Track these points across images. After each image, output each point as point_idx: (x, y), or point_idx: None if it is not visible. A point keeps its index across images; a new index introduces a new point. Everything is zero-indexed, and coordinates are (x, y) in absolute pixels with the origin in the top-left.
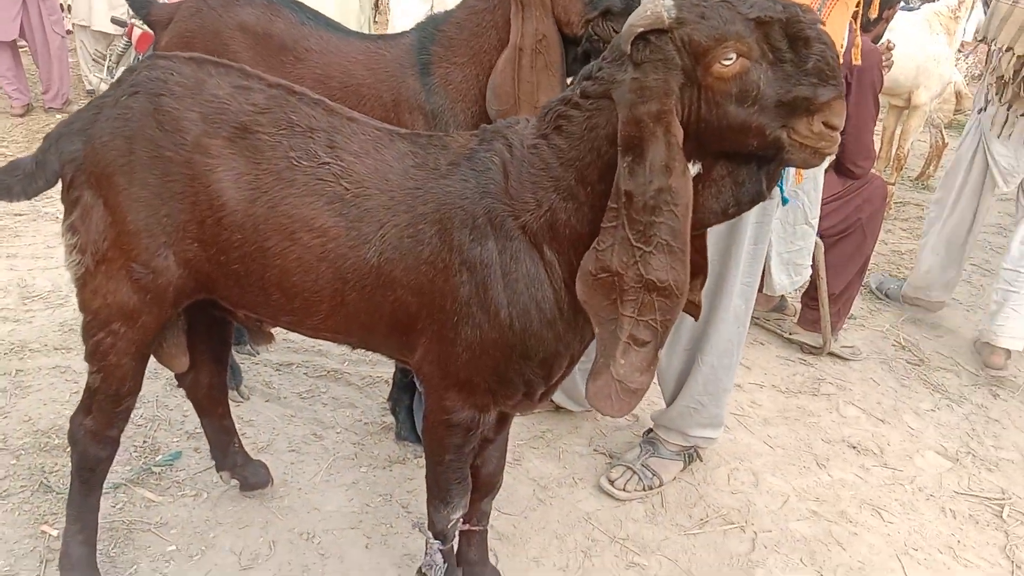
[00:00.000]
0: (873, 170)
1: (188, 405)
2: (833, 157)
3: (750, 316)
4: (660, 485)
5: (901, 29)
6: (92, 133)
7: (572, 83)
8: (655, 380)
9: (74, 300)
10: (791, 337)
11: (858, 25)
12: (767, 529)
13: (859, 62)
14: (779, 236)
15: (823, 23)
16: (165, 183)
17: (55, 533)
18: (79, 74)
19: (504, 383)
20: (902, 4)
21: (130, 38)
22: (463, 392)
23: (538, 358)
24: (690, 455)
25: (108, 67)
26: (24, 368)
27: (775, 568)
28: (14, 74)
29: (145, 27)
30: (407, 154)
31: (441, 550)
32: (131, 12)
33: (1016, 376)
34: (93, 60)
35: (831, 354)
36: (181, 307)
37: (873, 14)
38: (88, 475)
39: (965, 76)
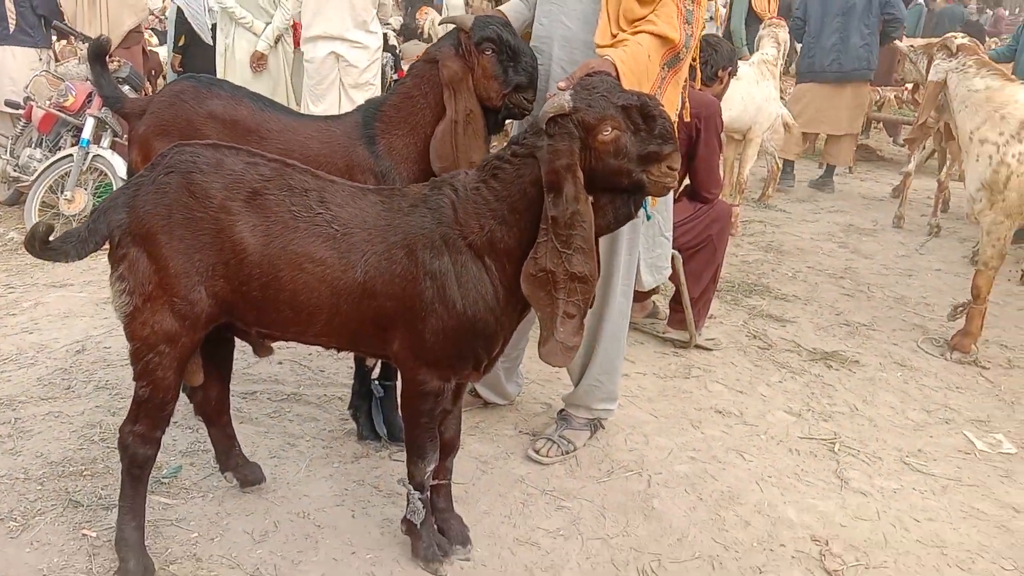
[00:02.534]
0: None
1: (176, 431)
2: (680, 188)
3: (630, 309)
4: (574, 450)
5: (743, 76)
6: (135, 204)
7: (496, 143)
8: (566, 369)
9: (43, 359)
10: (664, 336)
11: (686, 95)
12: (658, 472)
13: (689, 119)
14: (644, 246)
15: (663, 104)
16: (197, 237)
17: (94, 534)
18: None
19: (460, 358)
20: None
21: (29, 119)
22: (431, 368)
23: (484, 337)
24: (595, 425)
25: (9, 148)
26: (20, 416)
27: (667, 498)
28: None
29: (48, 109)
30: (377, 202)
31: (420, 499)
32: (30, 93)
33: (845, 351)
34: None
35: (697, 346)
36: (209, 329)
37: (697, 85)
38: (138, 472)
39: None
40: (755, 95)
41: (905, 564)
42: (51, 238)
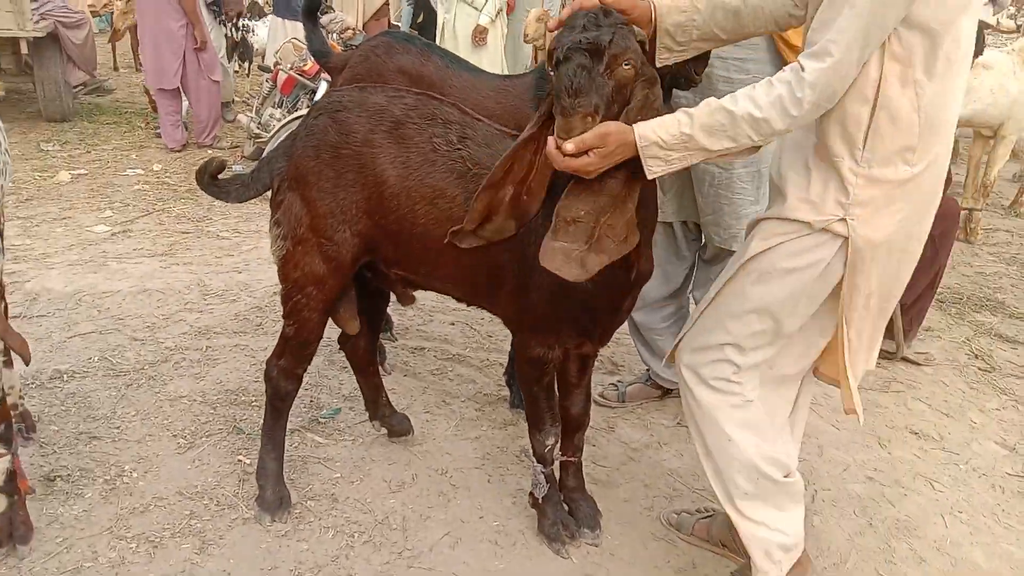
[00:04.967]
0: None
1: (344, 375)
2: None
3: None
4: None
5: (995, 65)
6: (293, 151)
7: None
8: None
9: (244, 297)
10: None
11: None
12: (827, 488)
13: None
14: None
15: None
16: (342, 174)
17: (248, 461)
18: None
19: (560, 322)
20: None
21: (275, 82)
22: (535, 334)
23: (579, 301)
24: None
25: (256, 107)
26: (212, 346)
27: (830, 517)
28: (176, 116)
29: (290, 72)
30: None
31: (543, 472)
32: (278, 58)
33: None
34: (244, 103)
35: (904, 359)
36: (355, 270)
37: None
38: (279, 404)
39: None
40: (1009, 87)
41: None
42: (221, 176)
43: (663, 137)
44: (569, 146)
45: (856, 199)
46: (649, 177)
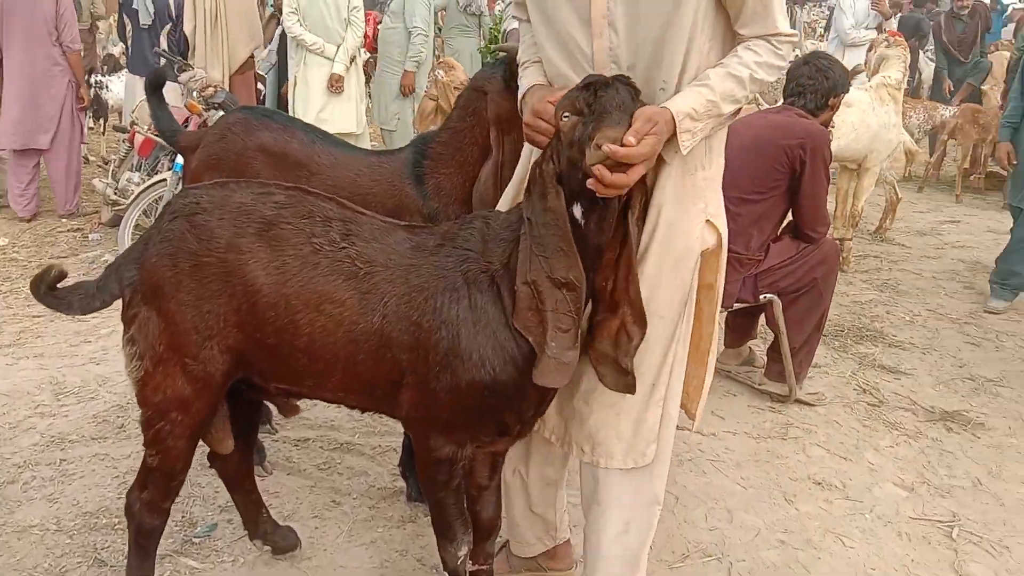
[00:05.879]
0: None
1: (218, 482)
2: (782, 225)
3: None
4: None
5: (856, 102)
6: (144, 259)
7: None
8: None
9: (103, 393)
10: (760, 388)
11: None
12: (741, 559)
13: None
14: None
15: None
16: (204, 285)
17: None
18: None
19: (480, 419)
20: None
21: (132, 143)
22: (444, 432)
23: (505, 395)
24: None
25: (112, 171)
26: (67, 457)
27: None
28: (30, 183)
29: (148, 134)
30: (405, 239)
31: None
32: (135, 118)
33: (968, 411)
34: (98, 166)
35: (798, 401)
36: (226, 388)
37: None
38: (144, 542)
39: (917, 132)
40: (870, 122)
41: None
42: (60, 285)
43: (695, 107)
44: (631, 138)
45: (708, 200)
46: (684, 152)
